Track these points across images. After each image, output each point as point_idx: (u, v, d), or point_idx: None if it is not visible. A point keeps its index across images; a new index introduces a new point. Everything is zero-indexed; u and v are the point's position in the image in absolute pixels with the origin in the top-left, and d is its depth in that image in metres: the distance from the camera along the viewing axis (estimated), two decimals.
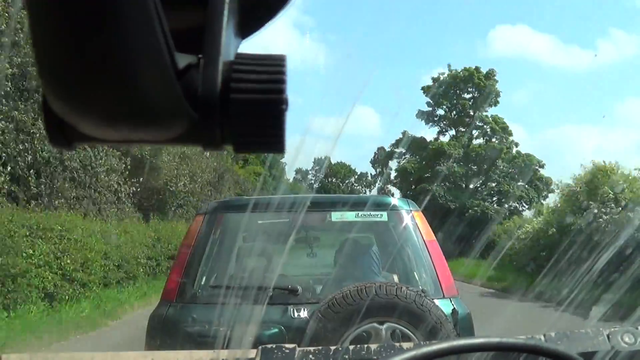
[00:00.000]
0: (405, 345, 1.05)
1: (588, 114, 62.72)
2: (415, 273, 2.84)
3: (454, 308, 2.52)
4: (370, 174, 55.60)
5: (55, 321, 7.22)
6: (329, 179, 53.04)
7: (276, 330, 2.48)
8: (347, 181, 56.02)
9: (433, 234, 2.88)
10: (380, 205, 2.97)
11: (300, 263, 3.98)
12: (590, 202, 13.18)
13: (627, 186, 13.34)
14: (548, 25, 65.56)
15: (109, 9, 0.27)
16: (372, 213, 2.92)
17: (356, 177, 56.91)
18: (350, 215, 2.90)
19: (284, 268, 3.48)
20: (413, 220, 2.86)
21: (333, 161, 51.73)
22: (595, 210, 12.51)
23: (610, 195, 12.97)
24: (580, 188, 14.57)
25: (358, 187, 56.37)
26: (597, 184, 13.88)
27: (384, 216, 2.94)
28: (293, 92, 0.35)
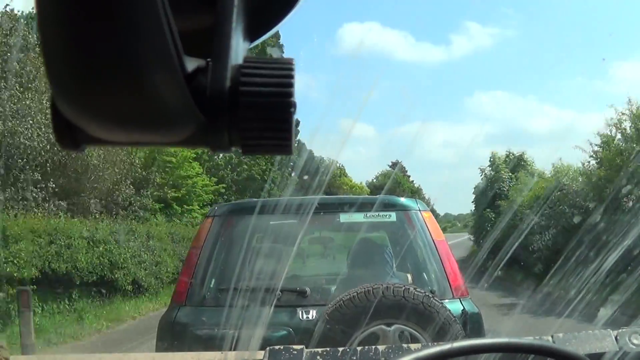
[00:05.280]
0: (413, 346, 1.05)
1: (439, 109, 61.91)
2: (424, 273, 2.82)
3: (464, 308, 2.50)
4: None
5: None
6: None
7: (285, 332, 2.47)
8: None
9: (442, 234, 2.86)
10: (389, 206, 2.95)
11: (312, 264, 3.96)
12: None
13: None
14: (399, 22, 63.01)
15: (118, 13, 0.27)
16: (381, 213, 2.90)
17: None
18: (358, 216, 2.88)
19: (297, 269, 3.47)
20: (422, 220, 2.84)
21: None
22: None
23: None
24: None
25: None
26: None
27: (392, 216, 2.92)
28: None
